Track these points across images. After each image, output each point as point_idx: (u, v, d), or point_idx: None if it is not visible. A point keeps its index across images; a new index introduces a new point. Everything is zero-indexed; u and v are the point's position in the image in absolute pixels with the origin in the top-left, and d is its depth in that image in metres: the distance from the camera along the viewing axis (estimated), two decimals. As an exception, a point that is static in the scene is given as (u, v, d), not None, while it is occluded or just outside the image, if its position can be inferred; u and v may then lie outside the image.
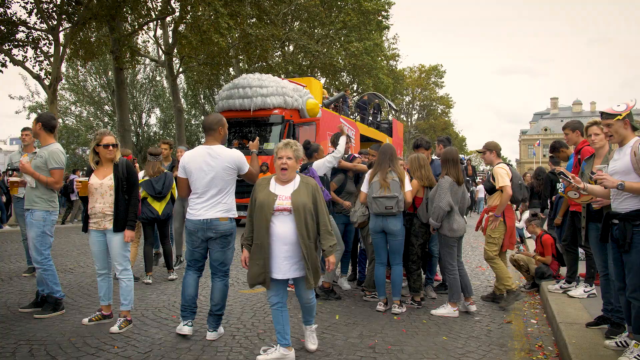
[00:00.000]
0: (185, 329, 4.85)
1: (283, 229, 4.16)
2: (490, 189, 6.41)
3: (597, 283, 6.88)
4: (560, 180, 4.64)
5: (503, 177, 6.23)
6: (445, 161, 6.09)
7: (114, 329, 4.91)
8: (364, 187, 6.08)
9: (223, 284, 4.91)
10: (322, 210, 4.27)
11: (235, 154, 4.87)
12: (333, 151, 6.68)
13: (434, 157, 7.31)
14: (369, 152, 7.50)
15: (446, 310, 5.86)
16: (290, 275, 4.23)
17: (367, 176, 6.12)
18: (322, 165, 6.42)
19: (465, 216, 6.44)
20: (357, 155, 7.28)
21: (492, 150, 6.52)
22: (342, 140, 6.70)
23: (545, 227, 8.23)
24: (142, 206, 7.35)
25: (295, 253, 4.19)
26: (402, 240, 5.92)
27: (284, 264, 4.19)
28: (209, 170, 4.75)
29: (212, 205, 4.76)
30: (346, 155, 7.13)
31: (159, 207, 7.40)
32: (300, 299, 4.52)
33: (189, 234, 4.86)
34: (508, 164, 6.55)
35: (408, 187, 5.92)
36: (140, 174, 7.62)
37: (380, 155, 6.03)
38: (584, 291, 6.20)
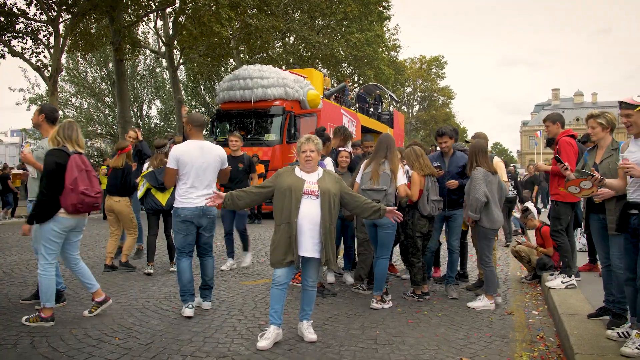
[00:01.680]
0: (187, 311, 5.20)
1: (309, 211, 4.44)
2: None
3: (595, 269, 6.90)
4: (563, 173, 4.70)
5: (504, 172, 6.26)
6: (474, 153, 5.91)
7: (24, 318, 4.88)
8: (357, 178, 5.97)
9: (212, 259, 5.61)
10: (350, 190, 4.84)
11: (223, 151, 5.51)
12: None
13: (438, 148, 7.23)
14: (362, 143, 7.54)
15: (482, 303, 5.79)
16: (312, 254, 4.47)
17: (362, 166, 6.01)
18: (330, 166, 6.39)
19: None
20: (341, 148, 7.18)
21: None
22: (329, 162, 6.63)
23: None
24: (147, 197, 7.35)
25: (318, 233, 4.45)
26: (391, 232, 5.73)
27: (309, 242, 4.44)
28: (202, 163, 5.25)
29: (205, 195, 5.10)
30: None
31: (162, 198, 7.38)
32: (306, 283, 4.67)
33: (184, 222, 5.22)
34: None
35: (402, 180, 5.75)
36: (145, 166, 7.66)
37: (377, 145, 5.96)
38: (562, 282, 6.16)
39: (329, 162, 6.42)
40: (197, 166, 5.22)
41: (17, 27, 18.74)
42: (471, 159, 5.94)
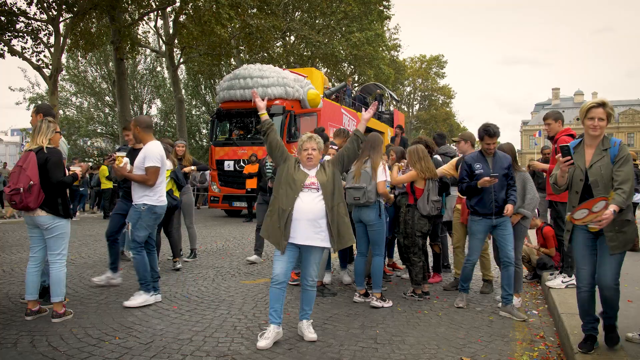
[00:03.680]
0: (159, 297, 5.78)
1: (309, 203, 4.51)
2: None
3: None
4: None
5: None
6: (513, 155, 5.91)
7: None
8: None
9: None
10: (337, 155, 4.92)
11: None
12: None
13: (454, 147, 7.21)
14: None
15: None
16: (312, 243, 4.52)
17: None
18: None
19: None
20: (334, 146, 7.19)
21: (467, 140, 6.63)
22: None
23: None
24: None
25: (318, 223, 4.51)
26: (379, 230, 5.79)
27: (309, 231, 4.49)
28: (166, 162, 5.78)
29: None
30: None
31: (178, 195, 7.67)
32: (306, 282, 4.68)
33: (157, 219, 5.72)
34: None
35: (381, 177, 5.77)
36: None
37: (363, 146, 6.02)
38: (562, 282, 6.17)
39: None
40: (164, 165, 5.72)
41: (18, 26, 18.75)
42: (514, 159, 5.87)
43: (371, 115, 4.99)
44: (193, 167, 8.44)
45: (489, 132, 5.53)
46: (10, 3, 18.19)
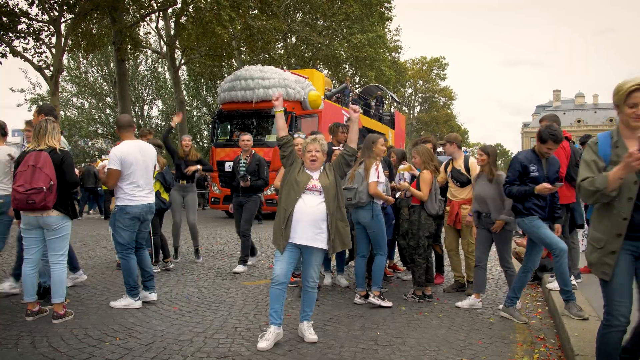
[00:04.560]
0: (139, 302, 5.55)
1: (312, 205, 4.53)
2: (463, 182, 6.40)
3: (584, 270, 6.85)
4: None
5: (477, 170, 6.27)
6: (494, 158, 5.84)
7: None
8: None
9: (147, 250, 5.93)
10: (336, 160, 4.87)
11: (155, 150, 5.87)
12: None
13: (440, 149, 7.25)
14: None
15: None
16: (312, 244, 4.53)
17: None
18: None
19: None
20: (334, 147, 7.22)
21: (452, 142, 6.70)
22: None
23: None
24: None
25: (319, 225, 4.53)
26: (377, 232, 5.82)
27: (309, 232, 4.50)
28: (143, 163, 5.56)
29: (150, 191, 5.68)
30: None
31: (166, 197, 7.60)
32: (307, 284, 4.68)
33: (132, 219, 5.49)
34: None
35: (373, 177, 5.78)
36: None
37: (361, 148, 6.04)
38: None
39: None
40: (141, 165, 5.54)
41: (19, 27, 18.76)
42: (492, 163, 5.79)
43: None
44: (199, 166, 8.26)
45: (555, 138, 5.11)
46: (12, 4, 18.21)
